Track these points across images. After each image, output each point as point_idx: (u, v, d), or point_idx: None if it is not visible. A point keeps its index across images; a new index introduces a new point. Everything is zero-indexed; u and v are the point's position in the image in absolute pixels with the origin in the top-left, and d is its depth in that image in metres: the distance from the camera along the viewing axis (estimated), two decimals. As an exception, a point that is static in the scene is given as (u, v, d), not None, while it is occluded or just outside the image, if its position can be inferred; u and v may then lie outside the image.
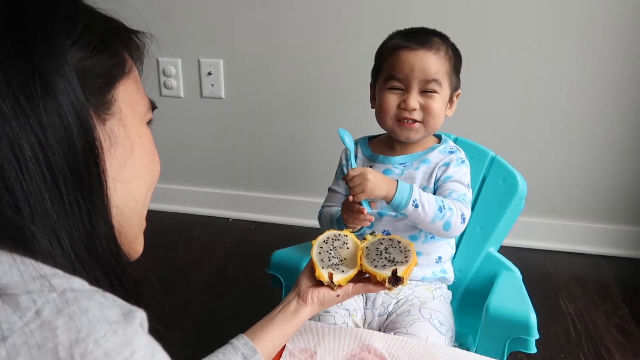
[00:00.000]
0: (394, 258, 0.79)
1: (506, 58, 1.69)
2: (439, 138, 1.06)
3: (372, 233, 0.87)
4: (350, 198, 0.91)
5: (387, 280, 0.76)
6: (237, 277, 1.70)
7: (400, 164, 1.01)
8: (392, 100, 0.95)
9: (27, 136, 0.36)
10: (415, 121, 0.95)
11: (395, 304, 0.99)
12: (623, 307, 1.56)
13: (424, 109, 0.94)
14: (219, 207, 2.10)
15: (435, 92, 0.94)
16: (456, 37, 1.02)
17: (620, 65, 1.64)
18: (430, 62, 0.93)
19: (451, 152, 1.01)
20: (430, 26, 1.02)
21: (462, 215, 0.93)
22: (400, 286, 0.78)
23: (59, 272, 0.35)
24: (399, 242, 0.82)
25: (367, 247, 0.83)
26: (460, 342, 1.09)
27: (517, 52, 1.67)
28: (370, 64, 1.04)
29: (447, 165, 0.98)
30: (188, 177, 2.10)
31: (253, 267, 1.73)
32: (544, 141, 1.76)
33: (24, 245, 0.36)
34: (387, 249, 0.81)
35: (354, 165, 0.95)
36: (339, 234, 0.86)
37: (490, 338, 0.92)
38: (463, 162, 1.00)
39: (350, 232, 0.88)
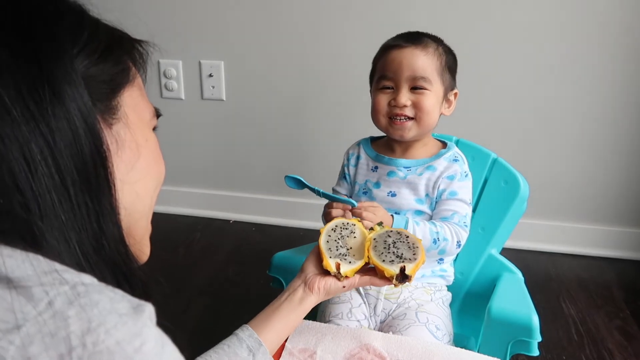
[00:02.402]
0: (402, 254, 0.78)
1: (508, 59, 1.69)
2: (444, 144, 1.05)
3: (380, 223, 0.85)
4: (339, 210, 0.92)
5: (394, 277, 0.76)
6: (238, 279, 1.70)
7: (405, 167, 1.01)
8: (383, 99, 0.96)
9: (36, 140, 0.37)
10: (407, 119, 0.95)
11: (395, 308, 0.99)
12: (625, 309, 1.56)
13: (415, 105, 0.94)
14: (219, 209, 2.10)
15: (425, 88, 0.93)
16: (457, 38, 1.02)
17: (623, 66, 1.64)
18: (418, 59, 0.93)
19: (455, 161, 1.00)
20: (431, 27, 1.02)
21: (457, 242, 0.96)
22: (407, 283, 0.77)
23: (70, 269, 0.36)
24: (407, 237, 0.81)
25: (374, 239, 0.81)
26: (462, 344, 1.08)
27: (518, 54, 1.68)
28: (370, 65, 1.04)
29: (451, 178, 0.98)
30: (188, 179, 2.10)
31: (254, 269, 1.73)
32: (545, 143, 1.77)
33: (34, 245, 0.37)
34: (395, 243, 0.80)
35: (353, 202, 0.92)
36: (347, 223, 0.85)
37: (492, 340, 0.92)
38: (467, 175, 1.00)
39: (359, 221, 0.86)
